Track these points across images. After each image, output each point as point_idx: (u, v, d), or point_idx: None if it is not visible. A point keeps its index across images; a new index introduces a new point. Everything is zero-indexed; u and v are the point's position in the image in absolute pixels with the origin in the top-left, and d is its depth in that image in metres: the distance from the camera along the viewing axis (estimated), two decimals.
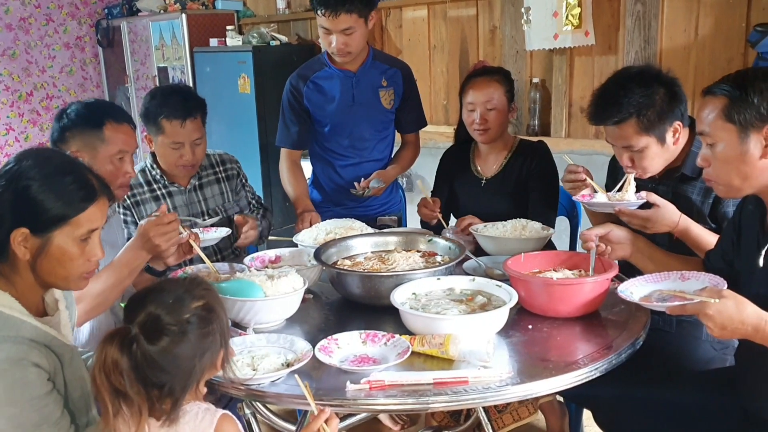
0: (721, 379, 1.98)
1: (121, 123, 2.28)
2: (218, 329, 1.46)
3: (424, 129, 4.52)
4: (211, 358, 1.46)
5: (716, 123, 1.69)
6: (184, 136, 2.59)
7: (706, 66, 3.35)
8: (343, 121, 3.01)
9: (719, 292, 1.56)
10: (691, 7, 3.36)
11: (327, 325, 2.02)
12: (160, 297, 1.43)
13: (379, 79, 3.03)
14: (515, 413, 2.55)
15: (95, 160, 2.20)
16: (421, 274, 2.02)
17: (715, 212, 2.12)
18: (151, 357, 1.36)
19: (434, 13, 4.51)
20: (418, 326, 1.78)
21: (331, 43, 2.84)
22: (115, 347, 1.36)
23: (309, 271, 2.16)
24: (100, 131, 2.22)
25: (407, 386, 1.59)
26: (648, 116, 2.08)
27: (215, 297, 1.51)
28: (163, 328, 1.38)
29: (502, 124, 2.78)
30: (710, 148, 1.74)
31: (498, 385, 1.57)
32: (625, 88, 2.11)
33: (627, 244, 2.03)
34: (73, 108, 2.28)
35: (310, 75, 3.01)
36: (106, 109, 2.32)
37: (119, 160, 2.26)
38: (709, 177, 1.78)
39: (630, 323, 1.89)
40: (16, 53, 6.08)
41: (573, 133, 3.90)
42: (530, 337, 1.84)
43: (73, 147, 2.21)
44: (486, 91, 2.74)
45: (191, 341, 1.40)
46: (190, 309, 1.42)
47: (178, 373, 1.39)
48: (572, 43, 3.66)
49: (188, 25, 5.38)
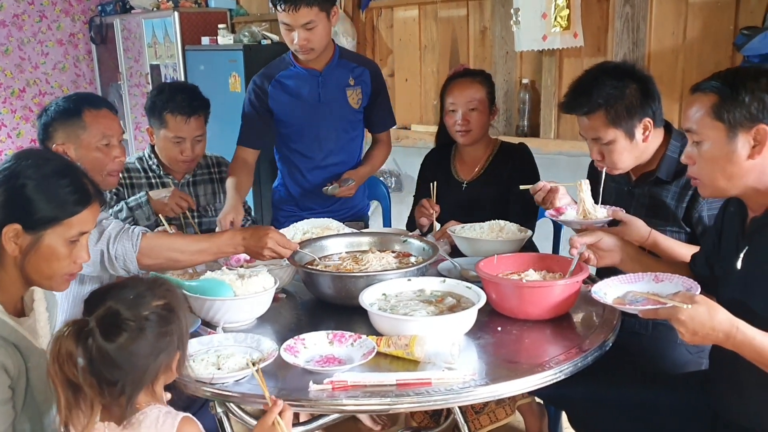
0: (695, 382, 1.98)
1: (100, 108, 2.29)
2: (176, 331, 1.45)
3: (415, 129, 4.57)
4: (167, 359, 1.45)
5: (704, 121, 1.66)
6: (186, 131, 2.69)
7: (694, 69, 3.34)
8: (309, 121, 2.98)
9: (692, 297, 1.54)
10: (679, 10, 3.35)
11: (298, 324, 2.01)
12: (121, 293, 1.42)
13: (346, 78, 2.99)
14: (492, 414, 2.55)
15: (81, 149, 2.22)
16: (392, 275, 2.01)
17: (689, 216, 2.11)
18: (105, 352, 1.35)
19: (425, 13, 4.50)
20: (385, 327, 1.77)
21: (294, 39, 2.79)
22: (70, 339, 1.35)
23: (281, 270, 2.15)
24: (80, 119, 2.22)
25: (370, 387, 1.58)
26: (616, 109, 2.08)
27: (178, 299, 1.49)
28: (120, 323, 1.37)
29: (483, 125, 2.78)
30: (696, 146, 1.71)
31: (460, 387, 1.56)
32: (597, 80, 2.12)
33: (616, 252, 2.00)
34: (52, 104, 2.29)
35: (275, 74, 2.98)
36: (83, 98, 2.34)
37: (105, 146, 2.27)
38: (693, 175, 1.76)
39: (600, 326, 1.88)
40: (9, 49, 6.07)
41: (562, 134, 3.89)
42: (499, 339, 1.83)
43: (57, 140, 2.22)
44: (467, 92, 2.74)
45: (147, 339, 1.39)
46: (150, 307, 1.41)
47: (132, 370, 1.38)
48: (561, 44, 3.65)
49: (181, 22, 5.36)
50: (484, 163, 2.83)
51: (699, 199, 2.08)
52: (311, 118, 2.98)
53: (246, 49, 4.84)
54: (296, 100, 2.97)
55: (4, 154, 6.16)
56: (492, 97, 2.80)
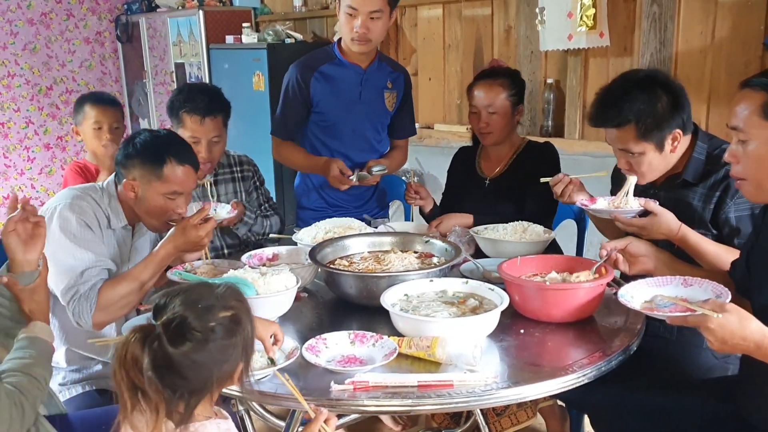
0: (721, 388, 1.94)
1: (184, 163, 2.23)
2: (241, 343, 1.42)
3: (438, 128, 4.56)
4: (230, 369, 1.42)
5: (752, 120, 1.61)
6: (202, 132, 2.65)
7: (722, 69, 3.29)
8: (346, 117, 2.98)
9: (722, 305, 1.51)
10: (708, 9, 3.30)
11: (319, 324, 2.01)
12: (190, 299, 1.39)
13: (385, 81, 3.01)
14: (513, 417, 2.52)
15: (149, 192, 2.20)
16: (414, 276, 2.00)
17: (716, 218, 2.07)
18: (169, 358, 1.33)
19: (449, 12, 4.48)
20: (407, 328, 1.77)
21: (354, 27, 2.77)
22: (137, 343, 1.34)
23: (303, 269, 2.15)
24: (161, 169, 2.19)
25: (391, 388, 1.57)
26: (647, 123, 2.03)
27: (245, 310, 1.46)
28: (186, 332, 1.35)
29: (504, 127, 2.76)
30: (741, 144, 1.66)
31: (482, 389, 1.55)
32: (627, 93, 2.06)
33: (650, 258, 1.95)
34: (142, 137, 2.26)
35: (318, 66, 2.95)
36: (172, 145, 2.28)
37: (170, 199, 2.23)
38: (737, 175, 1.71)
39: (624, 329, 1.86)
40: (36, 47, 6.14)
41: (587, 135, 3.85)
42: (521, 342, 1.81)
43: (130, 176, 2.20)
44: (488, 95, 2.73)
45: (212, 350, 1.36)
46: (217, 318, 1.38)
47: (194, 379, 1.36)
48: (587, 44, 3.62)
49: (205, 21, 5.38)
50: (508, 161, 2.83)
51: (726, 200, 2.04)
52: (349, 114, 2.96)
53: (270, 48, 4.85)
54: (338, 94, 2.95)
55: (31, 151, 6.24)
56: (516, 97, 2.77)
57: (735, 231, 2.05)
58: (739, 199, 2.03)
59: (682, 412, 1.92)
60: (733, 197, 2.04)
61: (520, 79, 2.83)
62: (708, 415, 1.89)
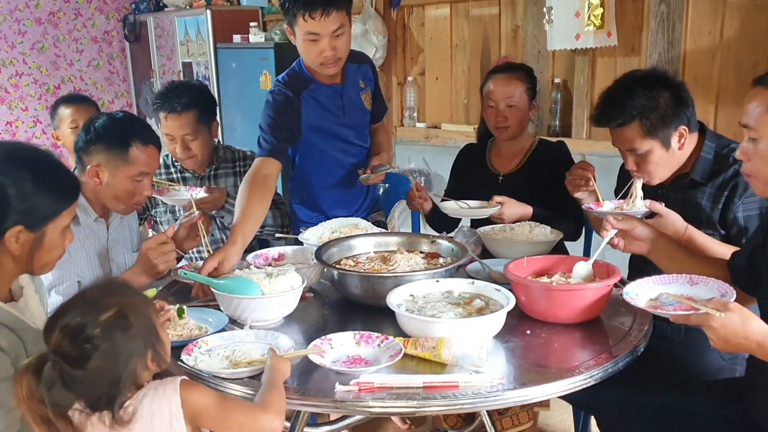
0: (729, 390, 1.94)
1: (147, 144, 2.26)
2: (139, 332, 1.39)
3: (445, 128, 4.55)
4: (139, 361, 1.39)
5: (763, 118, 1.61)
6: (173, 129, 2.69)
7: (730, 69, 3.27)
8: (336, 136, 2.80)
9: (726, 304, 1.51)
10: (716, 9, 3.28)
11: (325, 324, 2.00)
12: (68, 317, 1.36)
13: (357, 82, 2.82)
14: (515, 417, 2.51)
15: (115, 177, 2.22)
16: (420, 276, 1.99)
17: (724, 218, 2.07)
18: (73, 379, 1.33)
19: (456, 11, 4.47)
20: (413, 329, 1.76)
21: (323, 51, 2.51)
22: (31, 378, 1.32)
23: (309, 270, 2.14)
24: (126, 152, 2.21)
25: (396, 389, 1.56)
26: (651, 120, 2.04)
27: (127, 300, 1.42)
28: (77, 349, 1.33)
29: (522, 122, 2.76)
30: (752, 142, 1.65)
31: (488, 391, 1.54)
32: (629, 91, 2.08)
33: (646, 242, 1.97)
34: (100, 122, 2.26)
35: (301, 91, 2.68)
36: (133, 127, 2.29)
37: (138, 181, 2.26)
38: (748, 172, 1.71)
39: (631, 330, 1.84)
40: (44, 47, 6.17)
41: (594, 135, 3.83)
42: (527, 343, 1.80)
43: (94, 161, 2.22)
44: (506, 89, 2.71)
45: (110, 354, 1.34)
46: (100, 322, 1.35)
47: (105, 385, 1.35)
48: (594, 43, 3.60)
49: (213, 20, 5.40)
50: (523, 157, 2.81)
51: (734, 199, 2.04)
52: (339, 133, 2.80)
53: (277, 47, 4.87)
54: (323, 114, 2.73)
55: None
56: (532, 92, 2.77)
57: (743, 231, 2.04)
58: (747, 199, 2.02)
59: (689, 414, 1.91)
60: (741, 197, 2.03)
61: (533, 75, 2.83)
62: (715, 416, 1.88)
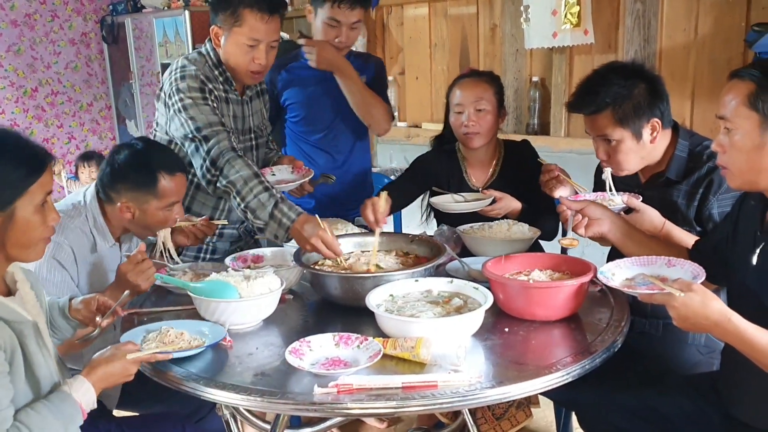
0: (706, 383, 1.96)
1: (174, 174, 2.21)
2: None
3: (425, 127, 4.56)
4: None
5: (738, 110, 1.62)
6: (263, 32, 2.40)
7: (705, 66, 3.31)
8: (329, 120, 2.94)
9: (689, 285, 1.56)
10: (690, 6, 3.32)
11: (304, 326, 2.00)
12: None
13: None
14: (513, 419, 2.50)
15: (146, 212, 2.19)
16: (399, 276, 2.00)
17: (700, 215, 2.09)
18: None
19: (435, 11, 4.48)
20: (392, 329, 1.76)
21: (337, 36, 2.79)
22: None
23: (288, 271, 2.14)
24: (155, 188, 2.16)
25: (375, 390, 1.56)
26: (624, 108, 2.07)
27: None
28: None
29: (491, 127, 2.68)
30: (727, 133, 1.66)
31: (467, 389, 1.55)
32: (604, 79, 2.11)
33: (605, 220, 2.00)
34: (122, 156, 2.20)
35: (286, 64, 2.94)
36: (158, 157, 2.22)
37: (168, 210, 2.23)
38: (723, 164, 1.72)
39: (608, 327, 1.86)
40: (21, 49, 6.09)
41: (573, 132, 3.86)
42: (506, 341, 1.81)
43: (123, 198, 2.18)
44: (475, 91, 2.65)
45: None
46: None
47: None
48: (571, 41, 3.63)
49: (191, 21, 5.35)
50: (495, 167, 2.77)
51: (709, 196, 2.06)
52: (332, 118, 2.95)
53: None
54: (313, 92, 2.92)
55: None
56: (501, 99, 2.71)
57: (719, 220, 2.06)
58: (722, 195, 2.05)
59: (668, 408, 1.93)
60: (716, 194, 2.05)
61: (500, 82, 2.76)
62: (694, 410, 1.90)
